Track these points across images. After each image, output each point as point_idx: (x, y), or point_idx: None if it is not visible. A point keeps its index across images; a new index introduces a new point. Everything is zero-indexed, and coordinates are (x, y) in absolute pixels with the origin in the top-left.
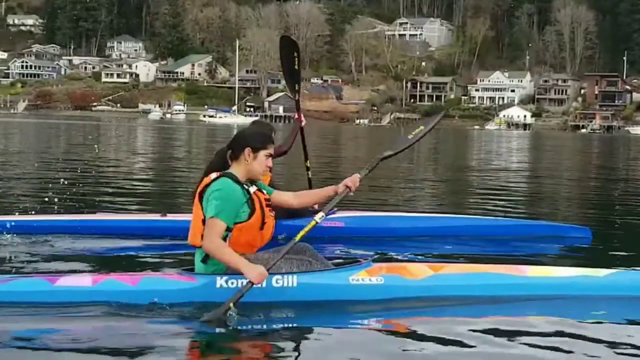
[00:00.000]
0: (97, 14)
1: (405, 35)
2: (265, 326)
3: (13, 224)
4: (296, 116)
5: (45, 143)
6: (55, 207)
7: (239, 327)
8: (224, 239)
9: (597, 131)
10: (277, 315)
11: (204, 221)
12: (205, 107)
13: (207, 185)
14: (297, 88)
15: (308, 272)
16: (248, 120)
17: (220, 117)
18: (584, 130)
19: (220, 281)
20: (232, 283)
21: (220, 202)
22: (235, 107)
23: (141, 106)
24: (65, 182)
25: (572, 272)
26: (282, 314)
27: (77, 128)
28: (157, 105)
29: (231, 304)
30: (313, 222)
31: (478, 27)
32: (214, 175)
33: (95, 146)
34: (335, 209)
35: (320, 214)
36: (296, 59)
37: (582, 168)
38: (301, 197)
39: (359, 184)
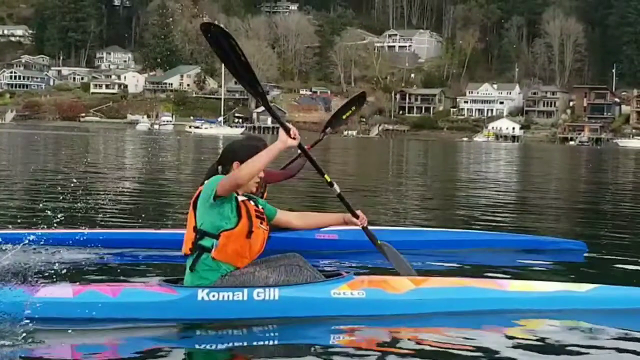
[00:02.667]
0: (87, 24)
1: (394, 46)
2: (245, 340)
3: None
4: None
5: (33, 154)
6: (43, 220)
7: (219, 342)
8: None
9: (586, 143)
10: (258, 329)
11: (195, 228)
12: (191, 118)
13: (201, 192)
14: (329, 130)
15: (289, 285)
16: (234, 131)
17: (207, 128)
18: (572, 143)
19: (202, 294)
20: (214, 296)
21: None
22: (221, 118)
23: (129, 117)
24: (53, 195)
25: (553, 287)
26: (263, 327)
27: (65, 139)
28: (145, 116)
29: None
30: (328, 179)
31: (467, 39)
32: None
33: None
34: None
35: (336, 187)
36: (351, 112)
37: (571, 181)
38: (305, 218)
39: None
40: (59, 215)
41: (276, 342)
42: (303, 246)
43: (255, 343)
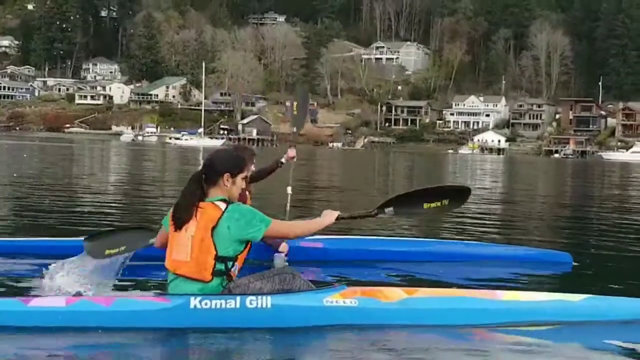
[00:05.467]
0: (72, 35)
1: (381, 59)
2: (238, 348)
3: None
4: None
5: (17, 165)
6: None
7: (212, 350)
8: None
9: (571, 156)
10: (250, 337)
11: (216, 257)
12: (171, 129)
13: (219, 219)
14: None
15: (282, 293)
16: (214, 142)
17: (187, 140)
18: (557, 155)
19: (194, 302)
20: (206, 304)
21: (254, 212)
22: (201, 130)
23: (114, 128)
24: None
25: (546, 297)
26: (255, 335)
27: (49, 150)
28: (130, 128)
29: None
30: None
31: (454, 51)
32: (221, 205)
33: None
34: None
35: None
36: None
37: (556, 193)
38: None
39: None
40: (50, 223)
41: (268, 351)
42: (289, 253)
43: (247, 351)
